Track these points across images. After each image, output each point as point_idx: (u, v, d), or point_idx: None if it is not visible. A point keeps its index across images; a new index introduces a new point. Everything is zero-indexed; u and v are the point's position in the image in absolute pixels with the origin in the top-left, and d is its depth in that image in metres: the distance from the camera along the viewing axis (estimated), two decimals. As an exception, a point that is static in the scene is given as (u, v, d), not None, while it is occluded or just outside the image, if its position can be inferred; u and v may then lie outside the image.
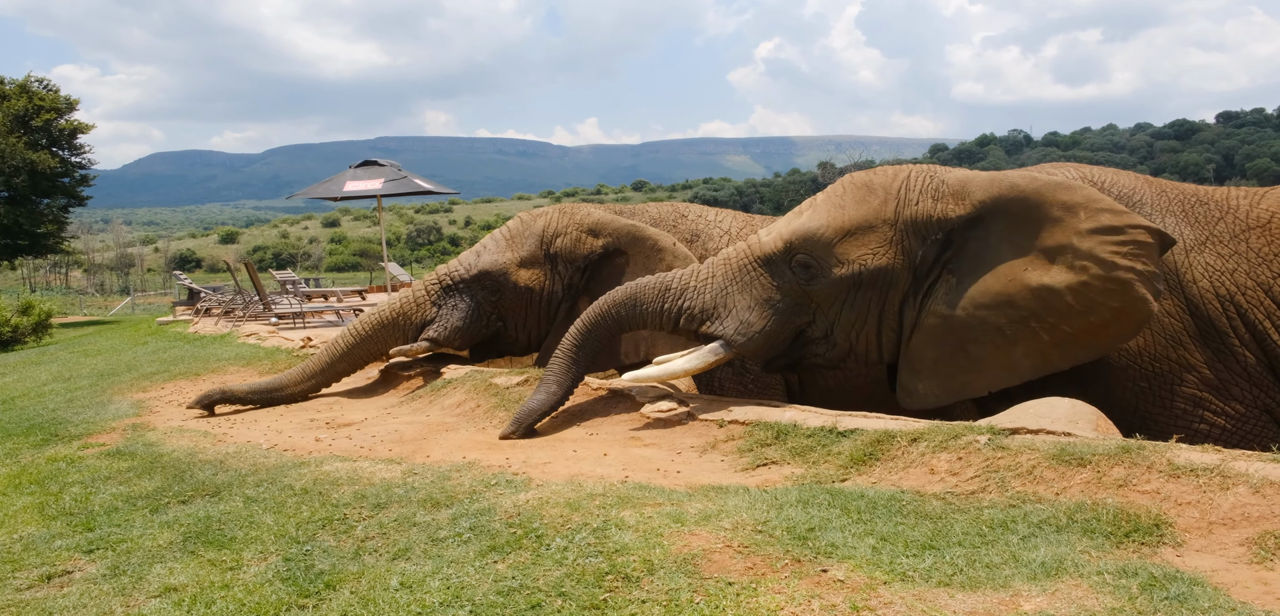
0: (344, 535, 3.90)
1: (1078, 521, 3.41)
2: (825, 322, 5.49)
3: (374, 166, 15.40)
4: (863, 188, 5.52)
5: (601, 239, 7.53)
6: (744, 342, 5.52)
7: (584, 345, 5.86)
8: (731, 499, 3.83)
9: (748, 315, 5.53)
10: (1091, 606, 2.69)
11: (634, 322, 5.82)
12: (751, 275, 5.59)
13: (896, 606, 2.73)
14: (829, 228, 5.42)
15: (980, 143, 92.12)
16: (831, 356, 5.59)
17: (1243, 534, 3.24)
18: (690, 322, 5.66)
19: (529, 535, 3.57)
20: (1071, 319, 5.03)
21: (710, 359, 5.56)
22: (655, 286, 5.77)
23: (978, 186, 5.35)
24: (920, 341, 5.35)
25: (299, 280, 20.92)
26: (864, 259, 5.34)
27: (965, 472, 4.06)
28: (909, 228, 5.34)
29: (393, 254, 65.14)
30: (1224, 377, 5.18)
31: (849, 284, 5.37)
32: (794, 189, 75.55)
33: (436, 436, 5.82)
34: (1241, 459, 3.62)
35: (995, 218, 5.28)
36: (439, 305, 7.68)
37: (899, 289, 5.38)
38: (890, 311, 5.41)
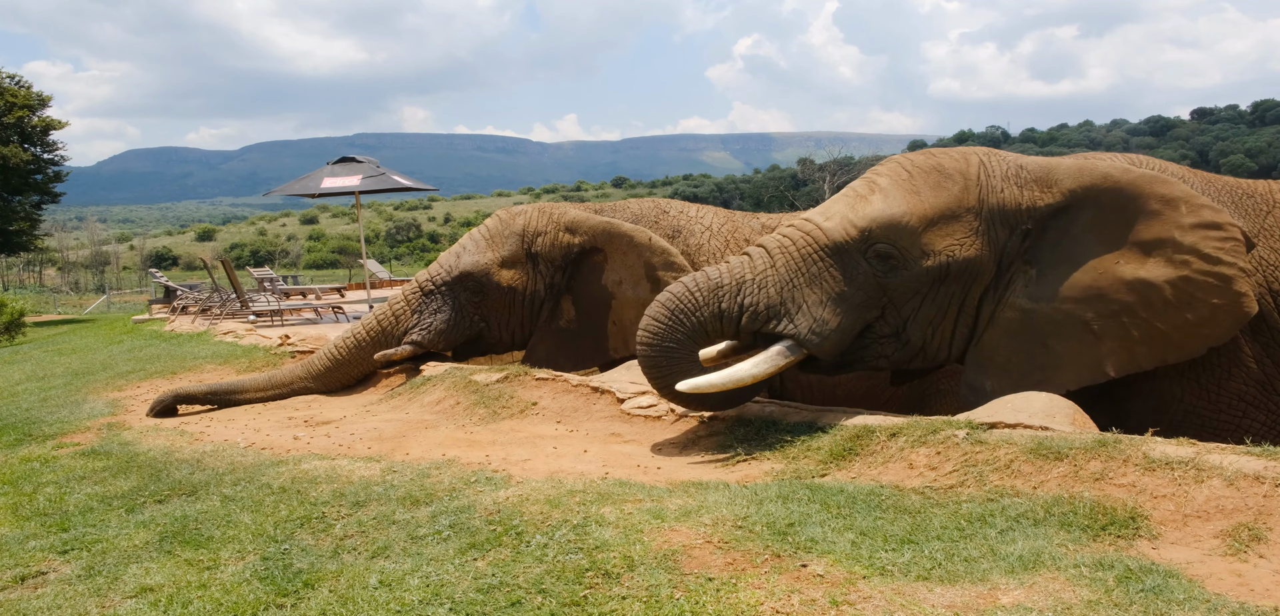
0: (322, 533, 3.88)
1: (1055, 515, 3.44)
2: (897, 319, 5.09)
3: (352, 163, 15.31)
4: (934, 172, 5.13)
5: (578, 237, 7.53)
6: (819, 343, 4.96)
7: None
8: (712, 495, 3.83)
9: (821, 312, 4.97)
10: (1068, 599, 2.71)
11: (697, 339, 5.06)
12: (819, 267, 5.03)
13: (876, 601, 2.74)
14: (912, 215, 4.99)
15: (958, 139, 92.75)
16: (899, 356, 5.20)
17: (1217, 526, 3.28)
18: (754, 322, 5.02)
19: (509, 532, 3.55)
20: (1167, 315, 4.79)
21: (780, 362, 4.93)
22: (704, 289, 5.06)
23: (1065, 173, 5.08)
24: (994, 337, 5.07)
25: (277, 278, 20.77)
26: (951, 249, 4.98)
27: (944, 467, 4.08)
28: (996, 216, 5.03)
29: (372, 251, 64.78)
30: (1271, 373, 5.00)
31: (934, 277, 5.00)
32: (774, 185, 75.70)
33: (416, 434, 5.79)
34: (1216, 451, 3.66)
35: (1083, 208, 5.01)
36: (420, 310, 7.66)
37: (982, 282, 5.07)
38: (970, 306, 5.11)
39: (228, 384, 7.66)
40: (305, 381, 7.70)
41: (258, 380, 7.69)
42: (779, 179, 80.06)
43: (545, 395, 6.28)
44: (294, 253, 70.05)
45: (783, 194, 67.63)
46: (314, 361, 7.76)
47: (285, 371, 7.81)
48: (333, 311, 15.57)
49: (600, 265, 7.48)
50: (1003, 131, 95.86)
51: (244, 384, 7.65)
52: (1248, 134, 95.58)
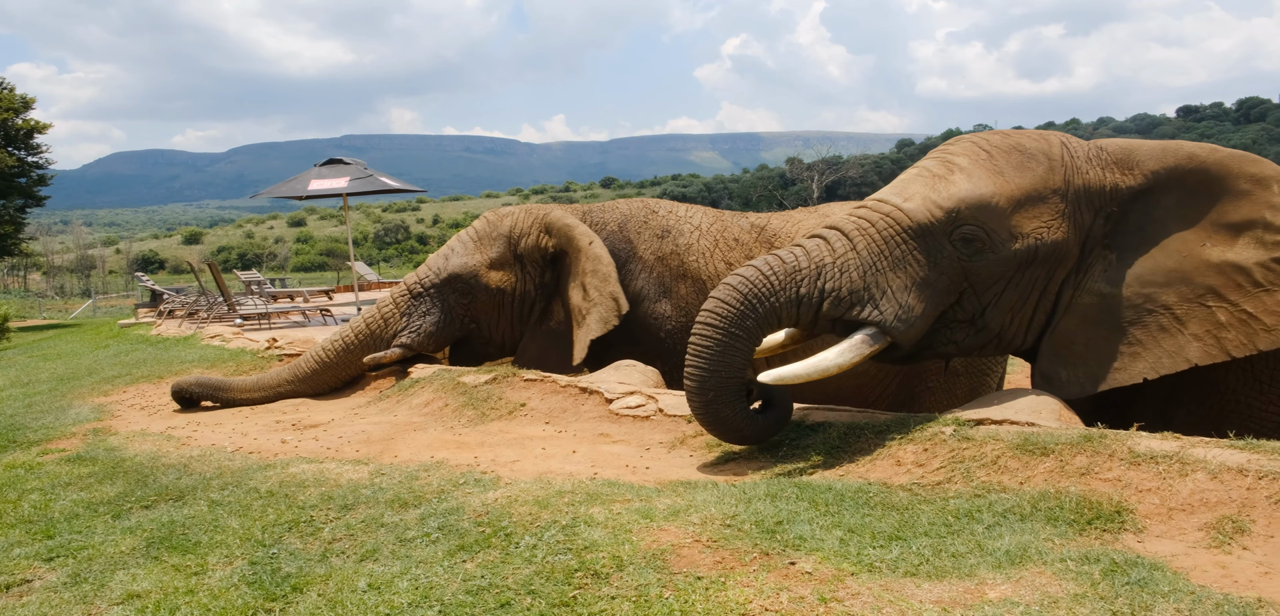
0: (311, 537, 3.87)
1: (1041, 510, 3.46)
2: (976, 304, 4.85)
3: (339, 165, 15.27)
4: (1015, 151, 4.92)
5: (552, 239, 7.58)
6: (904, 330, 4.69)
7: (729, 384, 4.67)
8: (700, 494, 3.84)
9: (906, 298, 4.70)
10: (1055, 593, 2.73)
11: (768, 324, 4.72)
12: (902, 250, 4.75)
13: (864, 597, 2.75)
14: (1000, 196, 4.76)
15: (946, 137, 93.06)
16: (973, 342, 4.97)
17: (1201, 519, 3.30)
18: (836, 308, 4.71)
19: (498, 533, 3.55)
20: (1258, 298, 4.60)
21: (865, 350, 4.67)
22: (780, 273, 4.72)
23: (1147, 155, 4.91)
24: (1072, 324, 4.88)
25: (264, 281, 20.69)
26: (1040, 232, 4.76)
27: (931, 463, 4.10)
28: (1081, 198, 4.84)
29: (360, 253, 64.61)
30: None
31: (1021, 261, 4.78)
32: (762, 184, 75.76)
33: (404, 436, 5.78)
34: (1200, 445, 3.69)
35: (1166, 190, 4.84)
36: (408, 313, 7.65)
37: (1067, 266, 4.87)
38: (1051, 291, 4.90)
39: (216, 381, 7.66)
40: (293, 385, 7.68)
41: (244, 383, 7.67)
42: (767, 178, 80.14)
43: (533, 396, 6.27)
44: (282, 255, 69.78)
45: (771, 193, 67.72)
46: (301, 364, 7.75)
47: (272, 375, 7.80)
48: (321, 314, 15.52)
49: (568, 268, 7.52)
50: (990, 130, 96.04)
51: (232, 384, 7.65)
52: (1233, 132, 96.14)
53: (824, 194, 59.01)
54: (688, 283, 7.31)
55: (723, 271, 7.31)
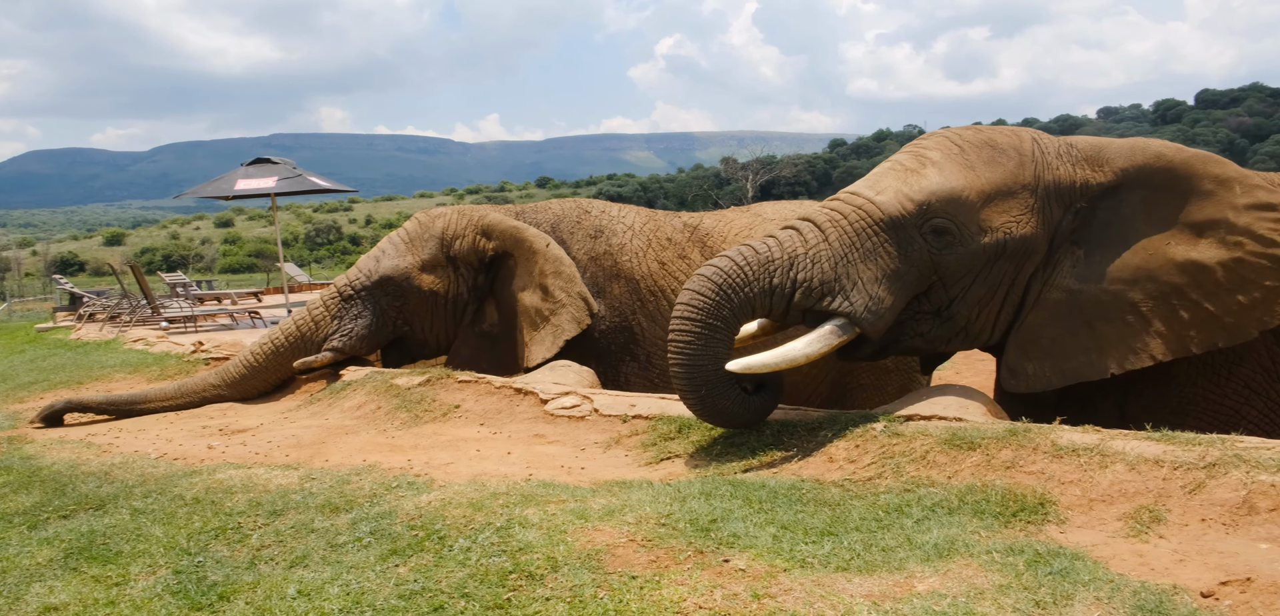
0: (238, 544, 3.78)
1: (968, 503, 3.54)
2: (943, 297, 4.91)
3: (267, 164, 14.97)
4: (986, 146, 4.99)
5: (493, 241, 7.52)
6: (874, 320, 4.74)
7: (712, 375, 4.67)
8: (635, 493, 3.84)
9: (877, 290, 4.75)
10: (981, 585, 2.79)
11: (744, 314, 4.75)
12: (873, 242, 4.80)
13: (796, 593, 2.78)
14: (971, 189, 4.83)
15: (877, 137, 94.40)
16: (940, 335, 5.03)
17: (1120, 509, 3.41)
18: (807, 298, 4.75)
19: (431, 537, 3.52)
20: (1218, 297, 4.70)
21: (833, 340, 4.70)
22: (754, 263, 4.75)
23: (1116, 153, 4.99)
24: (1039, 318, 4.95)
25: (190, 283, 20.20)
26: (1009, 226, 4.83)
27: (863, 459, 4.16)
28: (1051, 194, 4.92)
29: (290, 254, 63.38)
30: (1279, 360, 4.98)
31: (991, 254, 4.85)
32: (697, 184, 76.15)
33: (336, 440, 5.69)
34: (1118, 438, 3.81)
35: (1134, 188, 4.93)
36: (340, 316, 7.54)
37: (1035, 260, 4.94)
38: (1019, 285, 4.97)
39: (132, 395, 7.42)
40: (220, 389, 7.51)
41: (168, 389, 7.47)
42: (703, 178, 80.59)
43: (468, 397, 6.22)
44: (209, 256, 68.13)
45: (706, 193, 68.10)
46: (229, 368, 7.58)
47: (198, 379, 7.61)
48: (249, 316, 15.21)
49: (512, 270, 7.48)
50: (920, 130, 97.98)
51: (150, 394, 7.42)
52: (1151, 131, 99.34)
53: (758, 193, 59.55)
54: (621, 283, 7.32)
55: (656, 271, 7.33)
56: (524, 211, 7.85)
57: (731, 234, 7.48)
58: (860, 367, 7.04)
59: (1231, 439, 3.67)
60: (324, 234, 75.41)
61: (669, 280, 7.34)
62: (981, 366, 9.12)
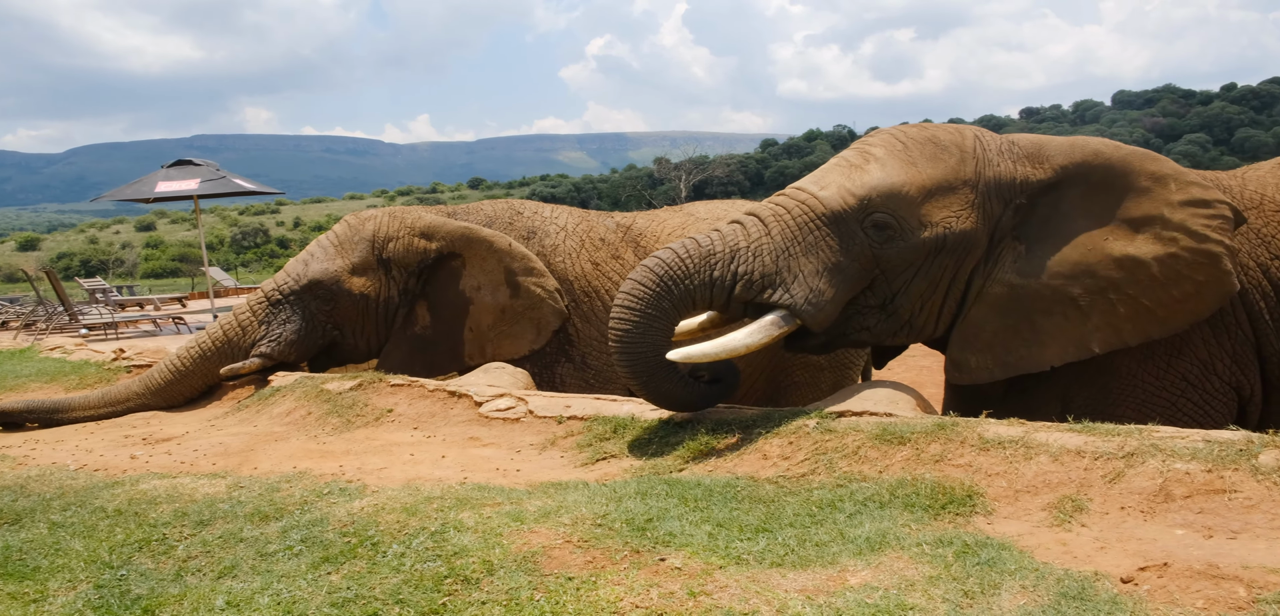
0: (163, 556, 3.69)
1: (899, 497, 3.60)
2: (886, 291, 5.00)
3: (189, 166, 14.60)
4: (929, 143, 5.09)
5: (435, 242, 7.41)
6: (814, 313, 4.81)
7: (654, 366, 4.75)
8: (571, 494, 3.84)
9: (817, 282, 4.83)
10: (911, 577, 2.85)
11: (684, 306, 4.81)
12: (815, 235, 4.88)
13: (731, 589, 2.81)
14: (911, 185, 4.92)
15: (808, 138, 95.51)
16: (883, 329, 5.11)
17: (1044, 499, 3.51)
18: (748, 290, 4.82)
19: (364, 543, 3.47)
20: (1153, 291, 4.81)
21: (774, 331, 4.77)
22: (695, 255, 4.82)
23: (1056, 150, 5.10)
24: (981, 312, 5.04)
25: (111, 288, 19.61)
26: (949, 221, 4.92)
27: (796, 456, 4.21)
28: (991, 190, 5.01)
29: (216, 258, 61.86)
30: (1214, 353, 5.08)
31: (930, 248, 4.93)
32: (631, 184, 76.24)
33: (265, 447, 5.58)
34: (1042, 430, 3.92)
35: (1073, 184, 5.03)
36: (268, 321, 7.38)
37: (975, 255, 5.03)
38: (960, 280, 5.06)
39: (54, 401, 7.18)
40: (143, 397, 7.30)
41: (89, 398, 7.24)
42: (636, 178, 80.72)
43: (401, 401, 6.15)
44: (130, 261, 66.18)
45: (640, 193, 68.23)
46: (153, 375, 7.36)
47: (120, 387, 7.39)
48: (174, 322, 14.83)
49: (458, 271, 7.38)
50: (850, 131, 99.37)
51: (72, 402, 7.19)
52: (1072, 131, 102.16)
53: (692, 193, 59.87)
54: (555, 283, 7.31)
55: (589, 272, 7.34)
56: (455, 212, 7.78)
57: (664, 233, 7.52)
58: (794, 365, 7.13)
59: (1148, 429, 3.80)
60: (251, 237, 73.82)
61: (603, 281, 7.35)
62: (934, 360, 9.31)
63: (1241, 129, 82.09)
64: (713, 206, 7.89)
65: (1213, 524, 3.18)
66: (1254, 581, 2.69)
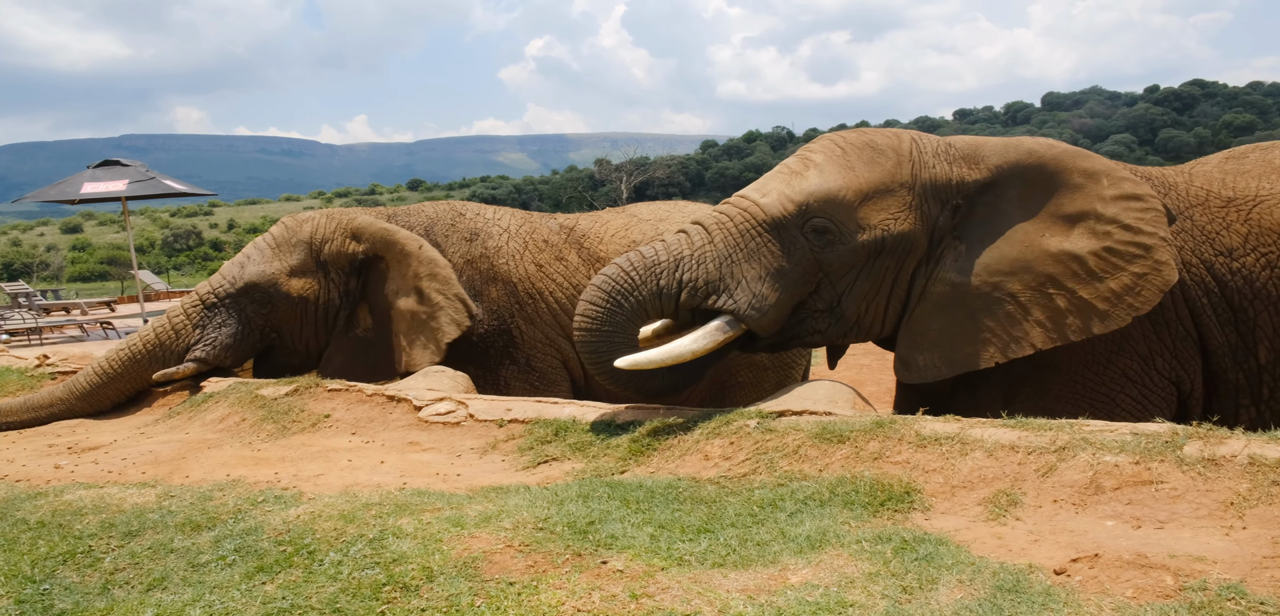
0: (89, 569, 3.57)
1: (839, 495, 3.64)
2: (832, 293, 5.11)
3: (116, 166, 14.20)
4: (867, 147, 5.18)
5: (363, 244, 7.30)
6: (758, 317, 4.95)
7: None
8: (512, 498, 3.81)
9: (760, 287, 4.96)
10: (851, 574, 2.87)
11: (637, 317, 5.04)
12: (757, 242, 5.02)
13: (674, 591, 2.81)
14: (848, 189, 5.02)
15: (747, 139, 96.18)
16: (833, 331, 5.23)
17: (980, 494, 3.57)
18: (693, 298, 4.99)
19: (300, 552, 3.40)
20: (1092, 284, 4.90)
21: (719, 337, 4.91)
22: (640, 268, 5.01)
23: (992, 150, 5.20)
24: (926, 311, 5.13)
25: (34, 292, 19.00)
26: (887, 224, 5.02)
27: (737, 456, 4.23)
28: (928, 191, 5.11)
29: (147, 260, 60.33)
30: (1154, 348, 5.16)
31: (870, 251, 5.04)
32: (572, 185, 76.08)
33: (197, 455, 5.44)
34: (977, 426, 3.98)
35: (1009, 183, 5.13)
36: (202, 325, 7.19)
37: (916, 256, 5.13)
38: (903, 280, 5.16)
39: None
40: (69, 403, 7.06)
41: (10, 404, 6.99)
42: (577, 180, 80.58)
43: (339, 406, 6.04)
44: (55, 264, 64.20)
45: (581, 194, 68.11)
46: (79, 380, 7.12)
47: (44, 393, 7.14)
48: (101, 327, 14.43)
49: (384, 273, 7.28)
50: (789, 132, 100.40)
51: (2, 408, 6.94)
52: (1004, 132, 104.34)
53: (633, 194, 59.96)
54: (498, 285, 7.24)
55: (533, 273, 7.29)
56: (396, 214, 7.67)
57: (608, 235, 7.50)
58: (739, 366, 7.17)
59: (1079, 423, 3.89)
60: (183, 239, 72.15)
61: (547, 282, 7.30)
62: (874, 357, 9.42)
63: (1165, 129, 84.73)
64: (655, 207, 7.89)
65: (1141, 514, 3.26)
66: (1180, 569, 2.77)
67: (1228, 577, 2.69)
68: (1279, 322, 5.02)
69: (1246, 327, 5.07)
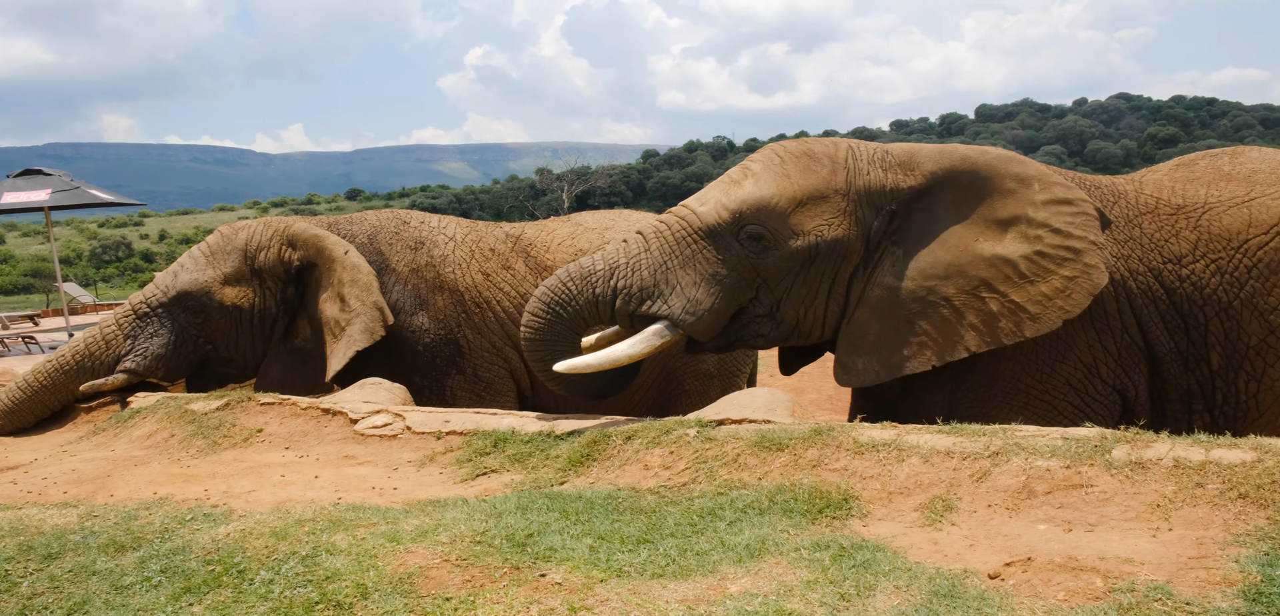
0: (5, 595, 3.43)
1: (778, 503, 3.64)
2: (771, 298, 5.18)
3: (39, 176, 13.77)
4: (804, 156, 5.25)
5: (297, 252, 7.17)
6: (693, 322, 5.04)
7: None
8: (449, 512, 3.75)
9: (694, 292, 5.06)
10: (790, 582, 2.88)
11: (578, 326, 5.19)
12: (693, 249, 5.12)
13: (613, 603, 2.78)
14: (782, 196, 5.11)
15: (688, 149, 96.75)
16: (774, 335, 5.31)
17: (917, 500, 3.60)
18: (628, 303, 5.09)
19: (229, 571, 3.30)
20: (1023, 287, 4.95)
21: (655, 342, 5.00)
22: (576, 278, 5.15)
23: (926, 157, 5.26)
24: (864, 316, 5.17)
25: (-48, 306, 18.34)
26: (820, 230, 5.09)
27: (677, 465, 4.22)
28: (863, 198, 5.17)
29: (74, 272, 58.57)
30: (1098, 356, 5.21)
31: (804, 256, 5.11)
32: (513, 194, 75.73)
33: (123, 473, 5.27)
34: (913, 432, 4.03)
35: (944, 189, 5.19)
36: (134, 335, 6.98)
37: (852, 261, 5.18)
38: (840, 285, 5.20)
39: None
40: None
41: None
42: (518, 189, 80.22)
43: (271, 420, 5.91)
44: (-25, 278, 62.09)
45: (522, 203, 67.81)
46: (0, 396, 6.87)
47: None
48: (24, 342, 13.97)
49: (319, 280, 7.15)
50: (729, 142, 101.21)
51: None
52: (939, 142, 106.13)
53: (574, 203, 59.85)
54: (445, 294, 7.16)
55: (480, 282, 7.22)
56: (338, 223, 7.53)
57: (554, 243, 7.47)
58: (685, 374, 7.19)
59: (1012, 429, 3.95)
60: (112, 250, 70.25)
61: (494, 291, 7.24)
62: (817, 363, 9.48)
63: (1093, 140, 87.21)
64: (601, 216, 7.88)
65: (1072, 518, 3.32)
66: (1110, 572, 2.82)
67: (1155, 578, 2.75)
68: (1230, 328, 5.11)
69: (1197, 334, 5.16)
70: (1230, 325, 5.11)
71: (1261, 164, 5.46)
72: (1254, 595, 2.61)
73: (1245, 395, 5.14)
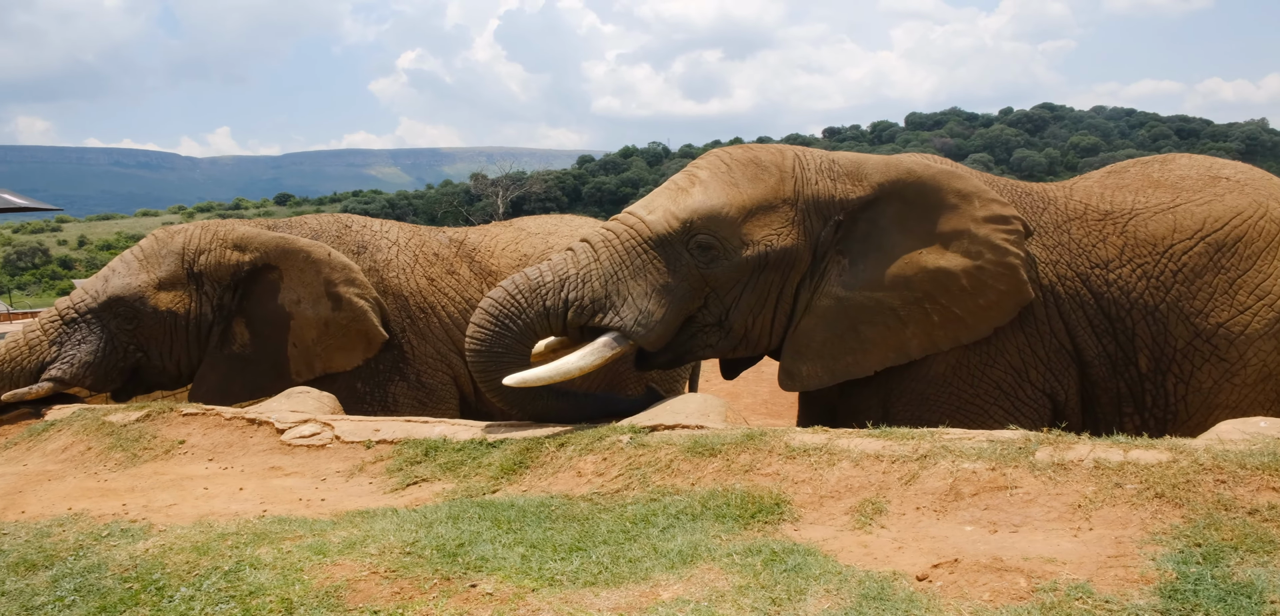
0: (-93, 618, 3.28)
1: (711, 508, 3.65)
2: (720, 307, 5.21)
3: (-49, 180, 13.25)
4: (751, 164, 5.29)
5: (249, 254, 6.97)
6: (645, 333, 5.02)
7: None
8: (378, 522, 3.68)
9: (646, 303, 5.04)
10: (722, 587, 2.88)
11: (527, 338, 5.09)
12: (643, 259, 5.09)
13: (544, 612, 2.76)
14: (731, 206, 5.13)
15: (624, 154, 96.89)
16: (723, 344, 5.33)
17: (847, 504, 3.64)
18: (580, 316, 5.05)
19: (148, 588, 3.20)
20: (963, 300, 5.13)
21: (607, 353, 4.99)
22: (525, 290, 5.06)
23: (873, 168, 5.35)
24: (810, 323, 5.24)
25: None
26: (770, 239, 5.13)
27: (610, 472, 4.21)
28: (810, 207, 5.23)
29: (-15, 280, 56.52)
30: (1028, 360, 5.34)
31: (753, 266, 5.14)
32: (447, 200, 75.03)
33: (36, 487, 5.08)
34: (845, 437, 4.07)
35: (889, 201, 5.29)
36: (60, 342, 6.71)
37: (799, 271, 5.24)
38: (788, 293, 5.26)
39: None
40: None
41: None
42: (452, 194, 79.54)
43: (195, 431, 5.75)
44: (-120, 285, 59.54)
45: (456, 209, 67.23)
46: None
47: None
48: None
49: (275, 283, 6.97)
50: (664, 148, 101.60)
51: None
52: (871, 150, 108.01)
53: (510, 208, 59.54)
54: (389, 300, 7.06)
55: (425, 287, 7.14)
56: (277, 225, 7.37)
57: (497, 248, 7.43)
58: (629, 382, 7.18)
59: (940, 432, 4.02)
60: (28, 257, 67.89)
61: (438, 296, 7.17)
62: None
63: (1018, 149, 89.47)
64: (542, 221, 7.86)
65: (997, 519, 3.39)
66: (1033, 572, 2.88)
67: (1076, 577, 2.82)
68: (1157, 332, 5.28)
69: (1125, 337, 5.32)
70: (1157, 329, 5.29)
71: (1189, 171, 5.66)
72: (1170, 592, 2.68)
73: (1174, 397, 5.31)
